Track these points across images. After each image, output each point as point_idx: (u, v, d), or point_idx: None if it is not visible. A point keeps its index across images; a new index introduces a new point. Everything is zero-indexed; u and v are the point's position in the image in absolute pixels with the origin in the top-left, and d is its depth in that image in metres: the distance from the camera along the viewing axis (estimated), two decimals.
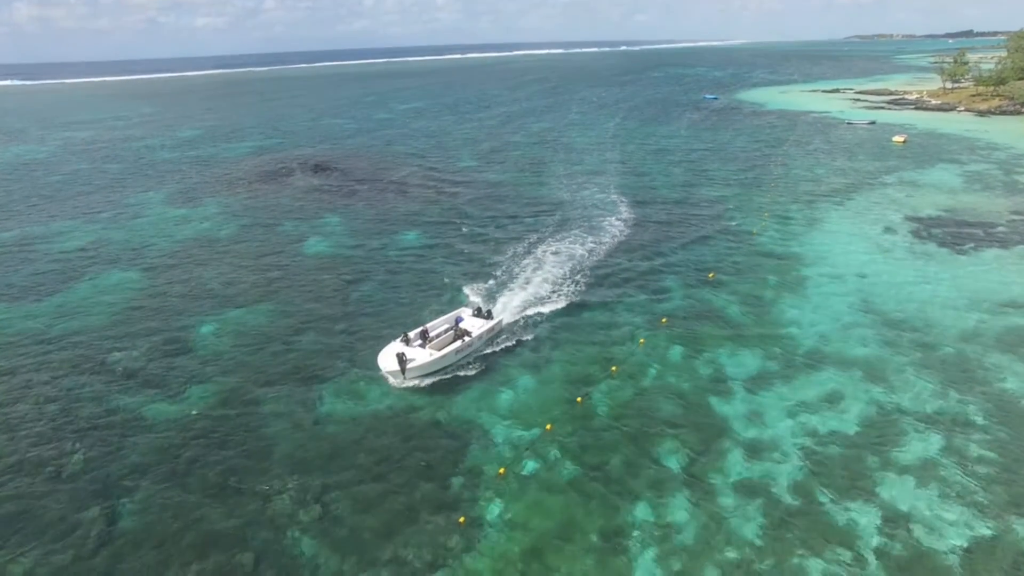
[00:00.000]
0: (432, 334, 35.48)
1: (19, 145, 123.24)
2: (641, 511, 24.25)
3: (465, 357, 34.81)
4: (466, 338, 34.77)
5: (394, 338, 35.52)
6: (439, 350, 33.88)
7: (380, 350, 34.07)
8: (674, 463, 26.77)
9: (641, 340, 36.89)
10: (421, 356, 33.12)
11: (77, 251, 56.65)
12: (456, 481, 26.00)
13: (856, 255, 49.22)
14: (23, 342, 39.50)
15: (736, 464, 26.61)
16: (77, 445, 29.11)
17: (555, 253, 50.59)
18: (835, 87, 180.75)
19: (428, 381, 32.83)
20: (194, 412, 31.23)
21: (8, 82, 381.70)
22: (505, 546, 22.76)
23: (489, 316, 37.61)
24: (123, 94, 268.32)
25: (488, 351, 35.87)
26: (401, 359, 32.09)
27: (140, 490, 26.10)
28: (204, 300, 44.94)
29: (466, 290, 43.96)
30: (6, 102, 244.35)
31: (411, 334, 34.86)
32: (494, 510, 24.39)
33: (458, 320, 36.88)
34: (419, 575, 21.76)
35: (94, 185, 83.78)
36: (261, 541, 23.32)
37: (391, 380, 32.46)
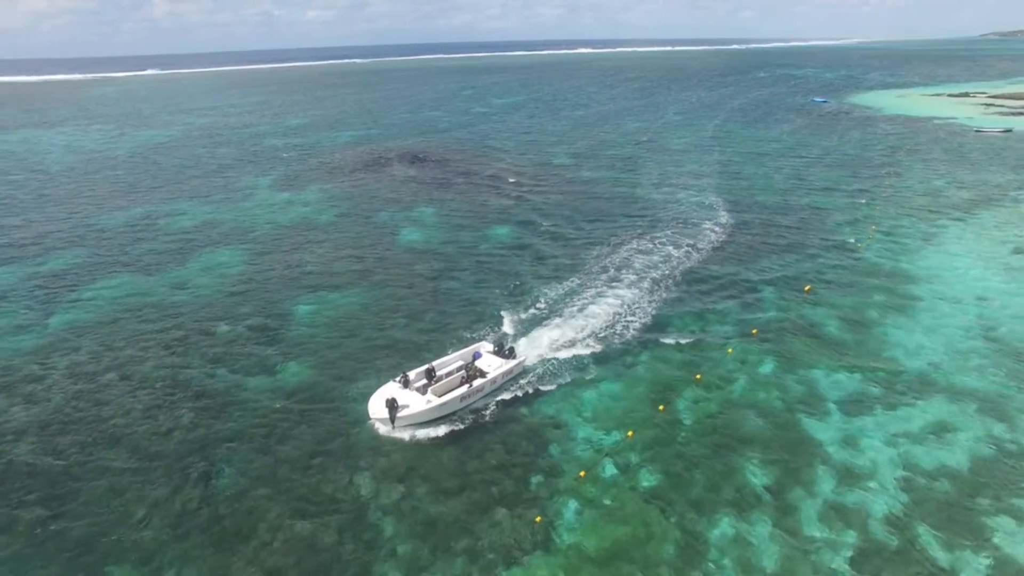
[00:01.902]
0: (441, 372, 31.96)
1: (149, 130, 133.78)
2: (721, 528, 23.49)
3: (474, 403, 30.90)
4: (475, 382, 30.87)
5: (412, 367, 32.55)
6: (440, 395, 29.96)
7: (375, 391, 30.36)
8: (759, 481, 25.76)
9: (729, 350, 35.68)
10: (416, 403, 29.20)
11: (192, 229, 60.94)
12: (535, 479, 26.11)
13: (977, 277, 45.36)
14: (144, 311, 42.95)
15: (826, 489, 25.27)
16: (185, 409, 31.43)
17: (645, 253, 49.70)
18: (964, 91, 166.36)
19: (425, 432, 28.95)
20: (278, 405, 32.79)
21: (146, 72, 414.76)
22: (579, 550, 22.66)
23: (511, 355, 33.41)
24: (239, 83, 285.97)
25: (565, 355, 35.41)
26: (392, 406, 28.14)
27: (238, 455, 27.85)
28: (303, 281, 47.25)
29: (547, 290, 43.89)
30: (142, 90, 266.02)
31: (412, 373, 31.21)
32: (570, 512, 24.32)
33: (476, 356, 33.51)
34: (491, 568, 22.03)
35: (209, 168, 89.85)
36: (344, 516, 24.34)
37: (380, 428, 29.00)
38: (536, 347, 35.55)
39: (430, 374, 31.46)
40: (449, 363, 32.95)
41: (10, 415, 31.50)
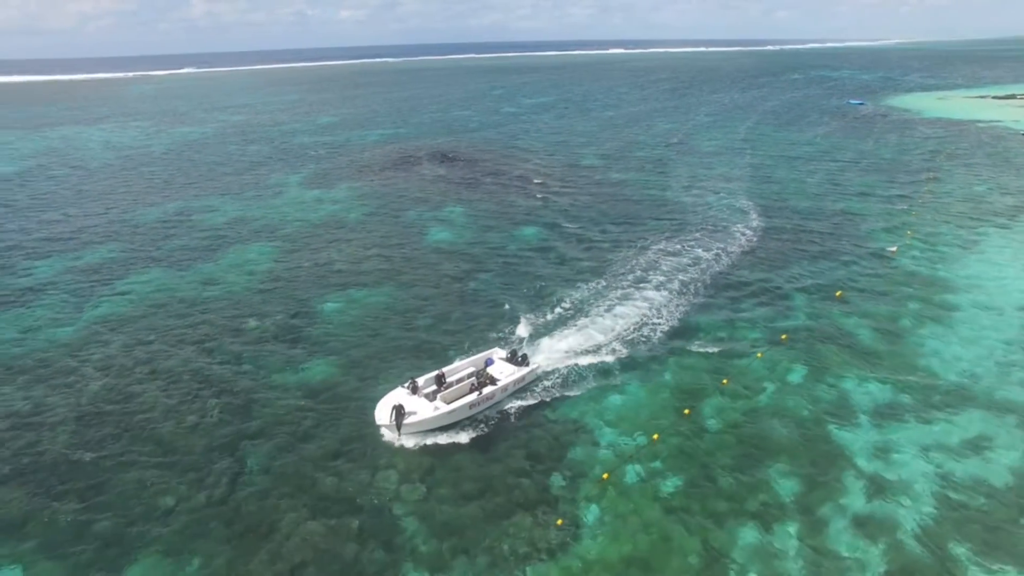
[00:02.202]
0: (451, 379, 31.50)
1: (184, 127, 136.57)
2: (745, 536, 23.09)
3: (484, 410, 30.39)
4: (485, 389, 30.31)
5: (429, 371, 32.27)
6: (449, 402, 29.49)
7: (381, 399, 29.81)
8: (786, 490, 25.25)
9: (759, 354, 35.08)
10: (423, 410, 28.74)
11: (223, 226, 61.97)
12: (556, 480, 25.98)
13: (1020, 286, 43.95)
14: (175, 306, 43.79)
15: (856, 500, 24.66)
16: (213, 402, 31.93)
17: (673, 256, 49.16)
18: (1010, 92, 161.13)
19: (434, 439, 28.52)
20: (300, 397, 33.13)
21: (183, 70, 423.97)
22: (600, 553, 22.46)
23: (524, 362, 32.77)
24: (272, 82, 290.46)
25: (590, 362, 34.97)
26: (399, 412, 27.82)
27: (262, 452, 28.18)
28: (331, 279, 47.72)
29: (573, 292, 43.65)
30: (179, 88, 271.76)
31: (421, 380, 30.71)
32: (592, 515, 24.13)
33: (488, 363, 32.91)
34: (511, 570, 21.95)
35: (241, 165, 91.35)
36: (367, 512, 24.49)
37: (387, 435, 28.65)
38: (561, 349, 35.36)
39: (440, 380, 30.99)
40: (460, 369, 32.41)
41: (47, 405, 32.35)
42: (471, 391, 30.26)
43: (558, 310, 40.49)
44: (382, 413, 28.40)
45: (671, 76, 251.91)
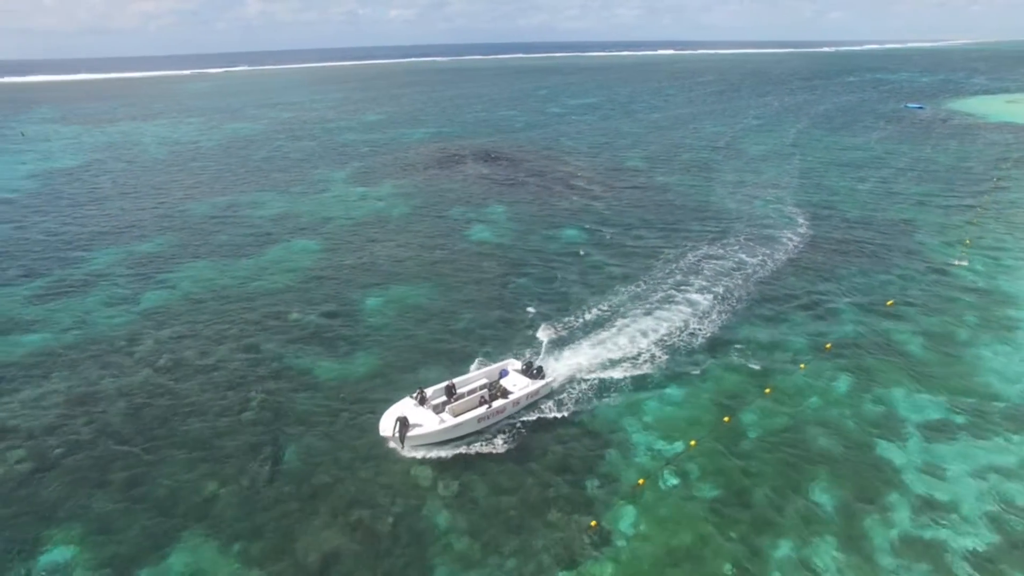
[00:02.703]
0: (462, 390, 30.55)
1: (237, 123, 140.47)
2: (783, 549, 22.51)
3: (493, 424, 29.28)
4: (496, 403, 29.22)
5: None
6: (457, 415, 28.58)
7: (387, 409, 29.10)
8: (827, 503, 24.53)
9: (802, 365, 34.17)
10: (429, 423, 27.73)
11: (271, 219, 63.50)
12: (591, 483, 25.80)
13: None
14: (225, 295, 45.07)
15: (902, 519, 23.79)
16: (256, 391, 32.75)
17: (716, 260, 48.31)
18: None
19: (441, 452, 27.50)
20: (341, 395, 33.65)
21: (237, 68, 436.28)
22: (633, 559, 22.21)
23: (539, 375, 31.49)
24: (322, 80, 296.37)
25: (629, 364, 34.74)
26: (403, 425, 26.97)
27: (303, 441, 28.77)
28: (373, 274, 48.42)
29: (614, 293, 43.26)
30: (233, 86, 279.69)
31: (429, 390, 29.83)
32: (626, 520, 23.88)
33: (502, 374, 31.88)
34: (544, 570, 21.88)
35: (290, 161, 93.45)
36: (400, 507, 24.75)
37: (392, 446, 27.77)
38: (599, 352, 35.11)
39: (450, 391, 30.07)
40: (472, 380, 31.44)
41: (103, 386, 33.69)
42: (480, 404, 29.13)
43: (597, 312, 40.24)
44: (386, 424, 27.63)
45: (719, 78, 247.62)
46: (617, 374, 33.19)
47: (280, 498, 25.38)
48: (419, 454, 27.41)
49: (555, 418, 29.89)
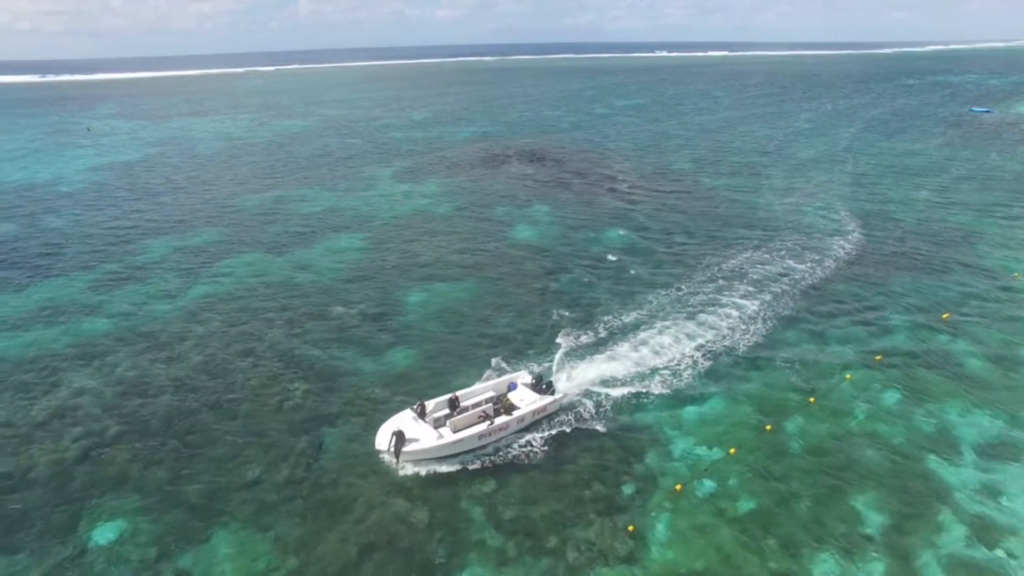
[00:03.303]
0: (467, 403, 29.17)
1: (286, 120, 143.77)
2: (825, 565, 21.85)
3: (496, 441, 28.07)
4: (499, 419, 28.04)
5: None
6: (458, 430, 27.36)
7: (386, 420, 28.27)
8: (873, 522, 23.71)
9: (848, 376, 33.11)
10: (426, 437, 26.70)
11: (317, 215, 64.77)
12: (627, 487, 25.53)
13: None
14: (271, 288, 46.18)
15: (955, 541, 22.81)
16: (297, 384, 33.43)
17: (761, 265, 47.25)
18: None
19: (441, 468, 26.59)
20: (379, 385, 33.99)
21: (289, 66, 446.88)
22: (668, 566, 21.87)
23: (548, 390, 30.00)
24: (370, 78, 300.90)
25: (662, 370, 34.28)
26: (399, 439, 25.91)
27: (342, 431, 29.28)
28: (416, 271, 48.91)
29: (655, 296, 42.71)
30: (284, 83, 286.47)
31: (431, 403, 28.79)
32: (662, 526, 23.54)
33: (511, 387, 30.62)
34: (577, 571, 21.73)
35: (337, 158, 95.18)
36: (436, 502, 24.92)
37: (388, 459, 26.89)
38: (640, 354, 34.74)
39: (453, 404, 28.79)
40: (478, 393, 30.10)
41: (152, 373, 34.91)
42: (482, 419, 27.91)
43: (637, 315, 39.81)
44: (382, 438, 26.64)
45: (770, 80, 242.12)
46: (657, 378, 32.75)
47: (317, 489, 25.83)
48: (420, 470, 26.45)
49: (593, 421, 29.63)
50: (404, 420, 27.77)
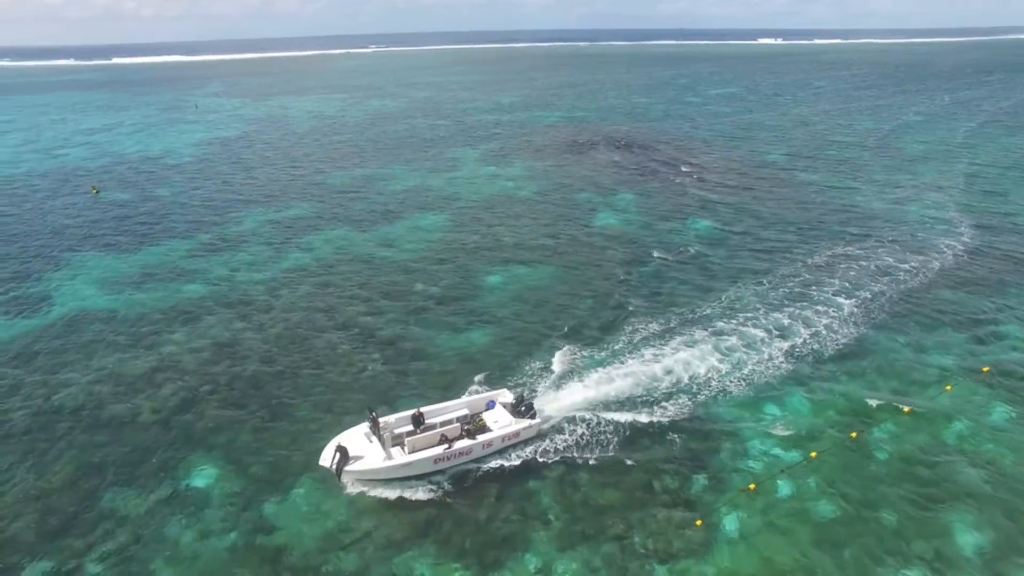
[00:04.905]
0: (435, 419, 26.32)
1: (377, 100, 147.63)
2: None
3: (458, 466, 25.68)
4: (459, 443, 25.48)
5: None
6: (417, 449, 25.09)
7: (339, 434, 26.06)
8: (968, 543, 22.01)
9: (948, 387, 30.77)
10: (372, 457, 24.51)
11: (403, 193, 66.26)
12: (699, 481, 24.89)
13: None
14: (355, 262, 47.80)
15: None
16: (376, 354, 34.52)
17: (857, 263, 44.57)
18: None
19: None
20: (456, 362, 34.36)
21: (383, 49, 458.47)
22: (736, 565, 21.17)
23: (527, 412, 27.15)
24: (460, 61, 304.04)
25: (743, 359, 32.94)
26: (343, 455, 23.80)
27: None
28: (496, 252, 49.25)
29: (738, 290, 41.09)
30: (377, 65, 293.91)
31: (393, 418, 26.34)
32: (733, 524, 22.79)
33: (489, 405, 28.17)
34: (641, 561, 21.43)
35: (424, 138, 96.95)
36: (505, 479, 25.22)
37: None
38: (721, 348, 33.64)
39: (417, 421, 26.07)
40: (450, 409, 27.25)
41: (243, 336, 36.92)
42: (443, 442, 25.52)
43: (718, 308, 38.55)
44: (328, 452, 24.54)
45: (877, 70, 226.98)
46: (737, 373, 31.69)
47: None
48: (357, 489, 24.71)
49: (670, 412, 28.92)
50: (354, 435, 25.62)
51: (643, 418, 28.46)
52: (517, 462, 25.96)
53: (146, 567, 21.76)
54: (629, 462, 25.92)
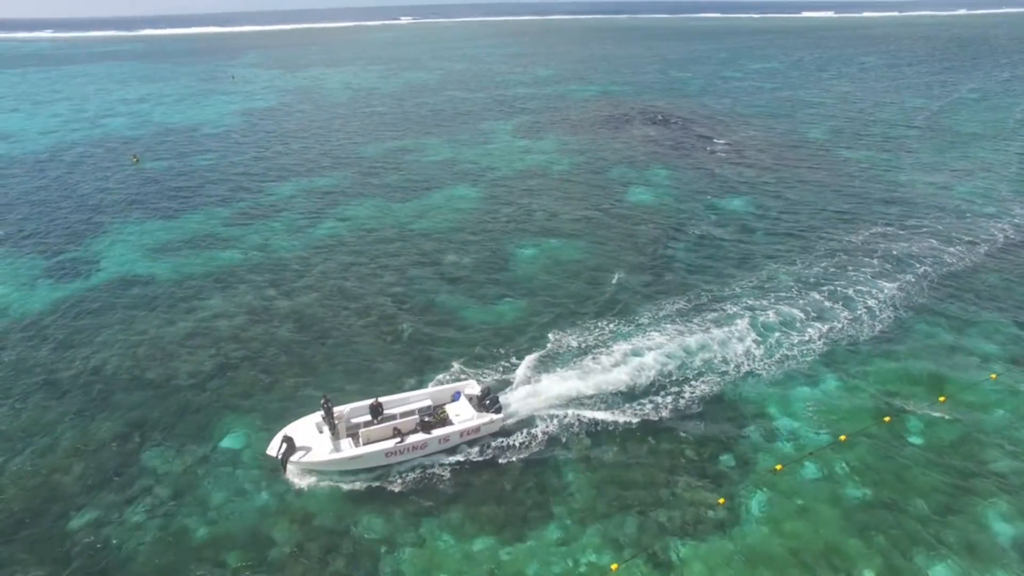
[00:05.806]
0: (395, 410, 25.61)
1: (413, 72, 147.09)
2: (939, 570, 20.14)
3: (413, 459, 24.65)
4: (411, 437, 24.47)
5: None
6: (367, 442, 24.26)
7: (291, 423, 25.34)
8: (1005, 535, 21.45)
9: (993, 375, 29.81)
10: (319, 448, 23.72)
11: (436, 165, 66.22)
12: (725, 460, 24.70)
13: None
14: (388, 232, 48.10)
15: None
16: (406, 324, 34.79)
17: (897, 243, 43.21)
18: None
19: (347, 483, 23.70)
20: (486, 334, 34.53)
21: (420, 20, 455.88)
22: (759, 545, 21.05)
23: (492, 407, 25.90)
24: (497, 33, 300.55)
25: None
26: (290, 446, 23.15)
27: (446, 377, 30.11)
28: (528, 225, 49.05)
29: (771, 269, 40.25)
30: (413, 36, 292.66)
31: (348, 408, 25.47)
32: (758, 504, 22.61)
33: (454, 397, 27.10)
34: (662, 536, 21.44)
35: (458, 110, 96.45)
36: (529, 457, 25.23)
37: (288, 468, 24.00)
38: (752, 328, 33.05)
39: (375, 411, 25.34)
40: (412, 400, 26.47)
41: (277, 303, 37.62)
42: (396, 435, 24.62)
43: (751, 286, 37.86)
44: (275, 442, 23.77)
45: (928, 44, 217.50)
46: (769, 352, 31.17)
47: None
48: (303, 482, 23.92)
49: (699, 390, 28.61)
50: (305, 424, 24.99)
51: (671, 395, 28.27)
52: (541, 437, 26.09)
53: (183, 521, 22.61)
54: (655, 439, 25.84)
